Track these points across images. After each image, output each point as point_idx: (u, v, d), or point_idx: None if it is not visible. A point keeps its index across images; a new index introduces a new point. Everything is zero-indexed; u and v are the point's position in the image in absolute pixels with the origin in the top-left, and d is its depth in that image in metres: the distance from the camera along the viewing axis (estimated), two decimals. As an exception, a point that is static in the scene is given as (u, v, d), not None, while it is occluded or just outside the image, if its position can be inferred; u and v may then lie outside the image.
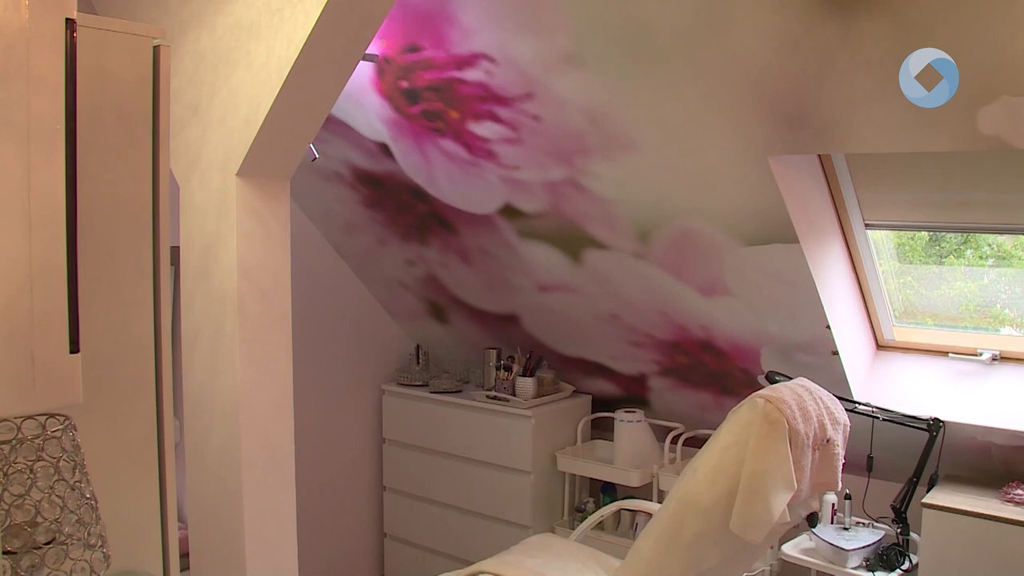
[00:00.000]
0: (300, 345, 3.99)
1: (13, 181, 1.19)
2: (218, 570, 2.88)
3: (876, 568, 3.10)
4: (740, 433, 2.11)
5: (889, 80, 2.36)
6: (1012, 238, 3.11)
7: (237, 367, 2.74)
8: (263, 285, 2.79)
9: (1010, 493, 3.02)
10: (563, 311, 3.78)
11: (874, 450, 3.26)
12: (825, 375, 3.26)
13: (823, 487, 2.33)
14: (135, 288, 1.76)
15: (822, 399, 2.32)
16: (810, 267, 2.94)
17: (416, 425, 4.28)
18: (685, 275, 3.23)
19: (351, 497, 4.43)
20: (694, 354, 3.57)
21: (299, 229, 3.97)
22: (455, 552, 4.18)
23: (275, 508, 2.88)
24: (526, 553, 2.95)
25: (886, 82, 2.36)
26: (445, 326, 4.37)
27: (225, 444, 2.80)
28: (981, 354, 3.19)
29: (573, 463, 3.94)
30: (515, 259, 3.64)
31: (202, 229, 2.81)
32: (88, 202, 1.57)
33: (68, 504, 1.10)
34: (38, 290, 1.17)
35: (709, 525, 2.10)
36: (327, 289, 4.20)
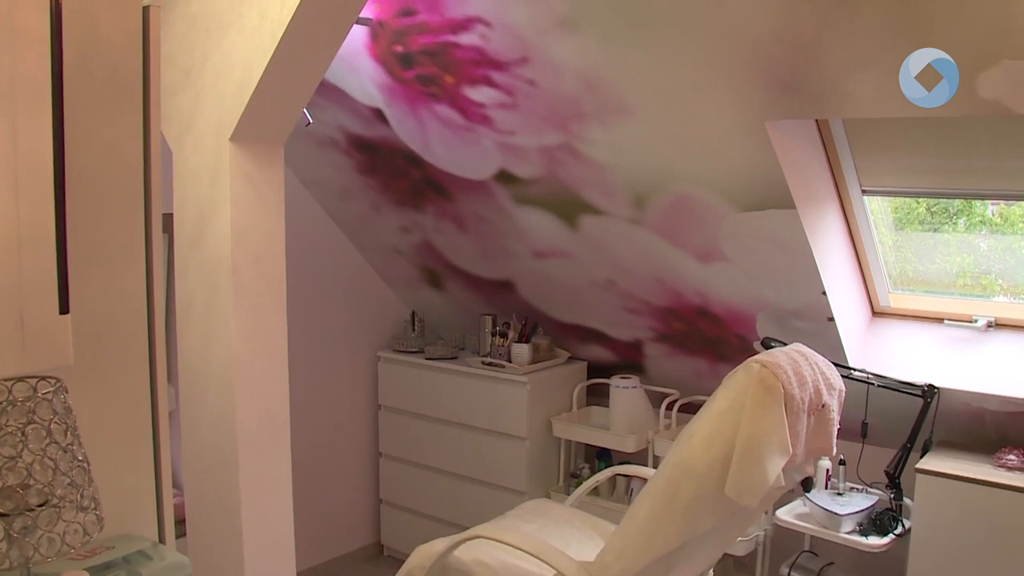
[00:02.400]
0: (295, 312, 3.98)
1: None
2: (215, 536, 2.89)
3: (869, 533, 3.12)
4: (736, 398, 2.10)
5: (887, 44, 2.34)
6: (1006, 208, 3.10)
7: (232, 333, 2.73)
8: (257, 251, 2.77)
9: (1003, 458, 3.04)
10: (559, 277, 3.77)
11: (868, 416, 3.27)
12: (821, 341, 3.26)
13: (818, 452, 2.34)
14: (127, 252, 1.75)
15: (818, 364, 2.31)
16: (807, 233, 2.93)
17: (412, 391, 4.28)
18: (681, 241, 3.22)
19: (347, 463, 4.44)
20: (690, 320, 3.57)
21: (293, 195, 3.95)
22: (451, 518, 4.20)
23: (271, 474, 2.89)
24: (522, 518, 2.96)
25: (884, 46, 2.35)
26: (440, 292, 4.36)
27: (220, 410, 2.80)
28: (976, 321, 3.20)
29: (569, 429, 3.95)
30: (511, 225, 3.63)
31: (195, 195, 2.79)
32: (78, 164, 1.56)
33: (60, 467, 1.10)
34: (27, 251, 1.16)
35: (704, 490, 2.10)
36: (322, 256, 4.19)
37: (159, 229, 1.74)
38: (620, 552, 2.22)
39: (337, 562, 4.42)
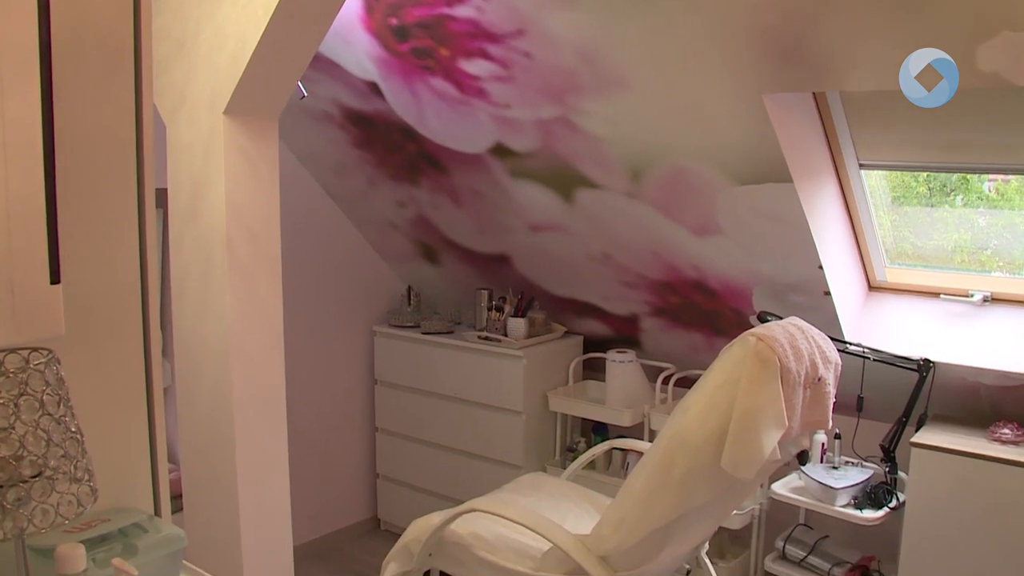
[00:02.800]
0: (291, 287, 3.98)
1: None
2: (211, 511, 2.90)
3: (864, 506, 3.13)
4: (732, 371, 2.10)
5: (887, 16, 2.32)
6: (1003, 184, 3.09)
7: (227, 308, 2.73)
8: (252, 225, 2.77)
9: (997, 432, 3.05)
10: (555, 251, 3.77)
11: (864, 390, 3.27)
12: (817, 315, 3.26)
13: (814, 425, 2.34)
14: (120, 224, 1.74)
15: (814, 338, 2.31)
16: (803, 207, 2.92)
17: (408, 366, 4.28)
18: (677, 215, 3.21)
19: (344, 438, 4.45)
20: (686, 294, 3.57)
21: (289, 171, 3.93)
22: (447, 492, 4.21)
23: (267, 449, 2.89)
24: (518, 492, 2.97)
25: (884, 18, 2.33)
26: (436, 267, 4.35)
27: (216, 385, 2.80)
28: (972, 295, 3.19)
29: (565, 403, 3.96)
30: (506, 199, 3.62)
31: (189, 169, 2.78)
32: (69, 134, 1.55)
33: (53, 438, 1.10)
34: (15, 219, 1.15)
35: (700, 463, 2.10)
36: (317, 231, 4.18)
37: (151, 200, 1.73)
38: (616, 525, 2.22)
39: (334, 536, 4.44)
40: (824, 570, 3.24)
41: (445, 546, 2.62)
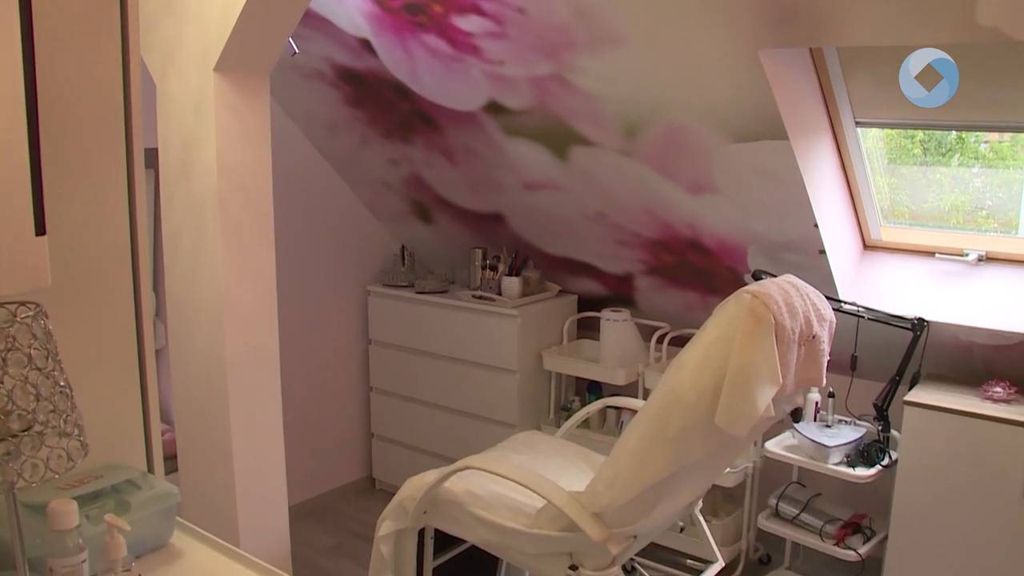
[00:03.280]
0: (284, 247, 3.96)
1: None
2: (206, 471, 2.91)
3: (857, 464, 3.15)
4: (726, 328, 2.09)
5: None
6: (999, 142, 3.08)
7: (219, 267, 2.72)
8: (244, 183, 2.75)
9: (989, 391, 3.06)
10: (549, 210, 3.75)
11: (858, 349, 3.28)
12: (812, 274, 3.25)
13: (808, 383, 2.34)
14: (109, 182, 1.72)
15: (808, 295, 2.30)
16: (799, 165, 2.90)
17: (402, 326, 4.28)
18: (672, 173, 3.20)
19: (338, 398, 4.45)
20: (680, 253, 3.55)
21: (281, 130, 3.90)
22: (442, 451, 4.23)
23: (261, 408, 2.89)
24: (512, 450, 2.98)
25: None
26: (430, 226, 4.33)
27: (209, 344, 2.80)
28: (967, 254, 3.19)
29: (559, 362, 3.96)
30: (500, 157, 3.59)
31: (180, 127, 2.75)
32: (53, 88, 1.53)
33: (42, 392, 1.09)
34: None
35: (694, 419, 2.10)
36: (310, 190, 4.15)
37: (140, 156, 1.71)
38: (610, 482, 2.23)
39: (329, 496, 4.46)
40: (816, 527, 3.26)
41: (440, 504, 2.62)
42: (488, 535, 2.54)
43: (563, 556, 2.44)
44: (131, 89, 1.70)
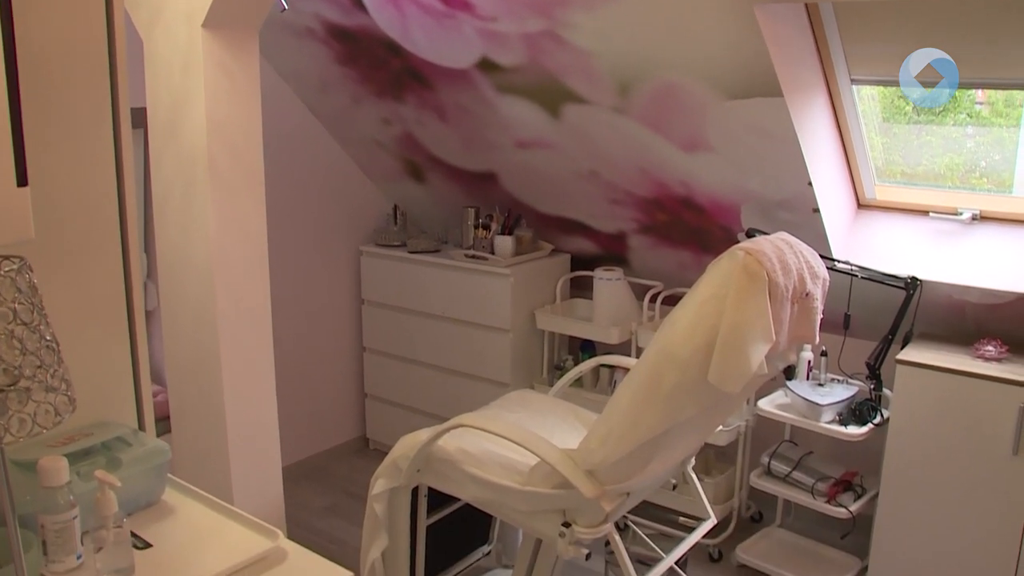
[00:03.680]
0: (275, 207, 3.94)
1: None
2: (199, 431, 2.91)
3: (848, 422, 3.16)
4: (720, 285, 2.08)
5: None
6: (993, 104, 3.05)
7: (210, 226, 2.70)
8: (234, 141, 2.72)
9: (981, 349, 3.06)
10: (542, 168, 3.73)
11: (851, 308, 3.28)
12: (805, 233, 3.24)
13: (801, 340, 2.33)
14: (96, 139, 1.70)
15: (802, 253, 2.29)
16: (793, 122, 2.88)
17: (395, 286, 4.27)
18: (666, 130, 3.17)
19: (331, 358, 4.45)
20: (674, 211, 3.54)
21: (271, 89, 3.86)
22: (436, 410, 4.24)
23: (254, 369, 2.89)
24: (505, 408, 2.98)
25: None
26: (422, 185, 4.31)
27: (201, 304, 2.78)
28: (961, 213, 3.18)
29: (552, 321, 3.95)
30: (493, 115, 3.56)
31: (168, 85, 2.72)
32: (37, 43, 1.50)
33: (27, 346, 1.07)
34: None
35: (687, 377, 2.09)
36: (302, 150, 4.12)
37: (126, 110, 1.69)
38: (603, 439, 2.23)
39: (323, 456, 4.47)
40: (808, 485, 3.27)
41: (433, 462, 2.62)
42: (481, 493, 2.54)
43: (556, 513, 2.45)
44: (115, 45, 1.67)
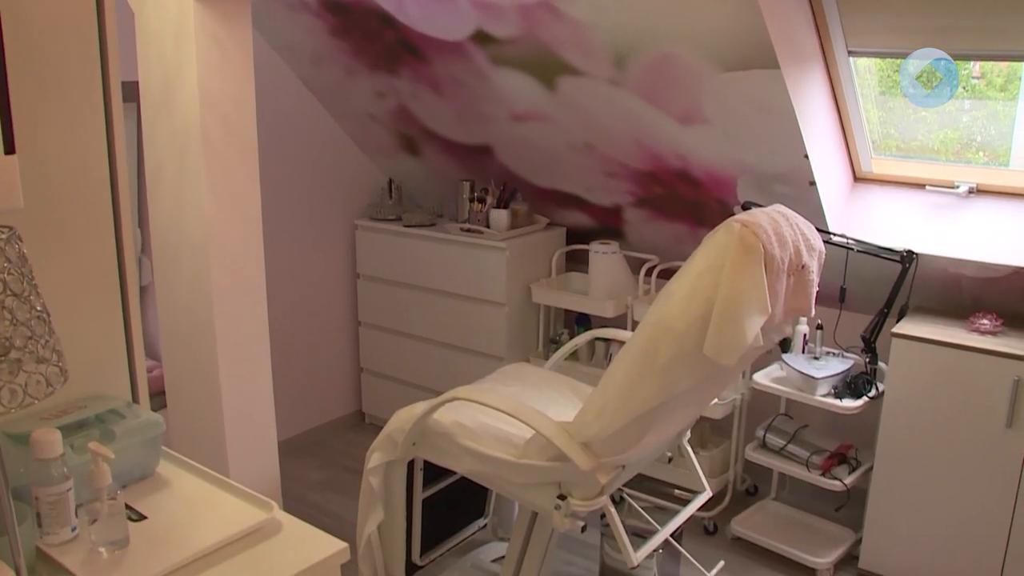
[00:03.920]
0: (269, 181, 3.93)
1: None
2: (195, 406, 2.90)
3: (844, 395, 3.16)
4: (715, 257, 2.08)
5: None
6: (990, 68, 3.04)
7: (204, 199, 2.69)
8: (227, 114, 2.71)
9: (976, 323, 3.06)
10: (537, 141, 3.71)
11: (847, 282, 3.28)
12: (802, 206, 3.24)
13: (796, 312, 2.33)
14: (87, 112, 1.68)
15: (798, 225, 2.29)
16: (790, 94, 2.87)
17: (390, 260, 4.25)
18: (662, 103, 3.15)
19: (327, 333, 4.44)
20: (670, 184, 3.53)
21: (264, 62, 3.84)
22: (431, 384, 4.24)
23: (248, 342, 2.88)
24: (501, 382, 2.98)
25: None
26: (417, 159, 4.29)
27: (195, 277, 2.78)
28: (958, 186, 3.17)
29: (548, 295, 3.95)
30: (488, 88, 3.54)
31: (160, 57, 2.70)
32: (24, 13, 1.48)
33: (18, 316, 1.06)
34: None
35: (683, 349, 2.09)
36: (296, 124, 4.09)
37: (117, 81, 1.67)
38: (599, 412, 2.23)
39: (319, 430, 4.47)
40: (803, 458, 3.28)
41: (428, 435, 2.62)
42: (477, 466, 2.55)
43: (552, 486, 2.45)
44: (106, 17, 1.65)
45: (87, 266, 1.74)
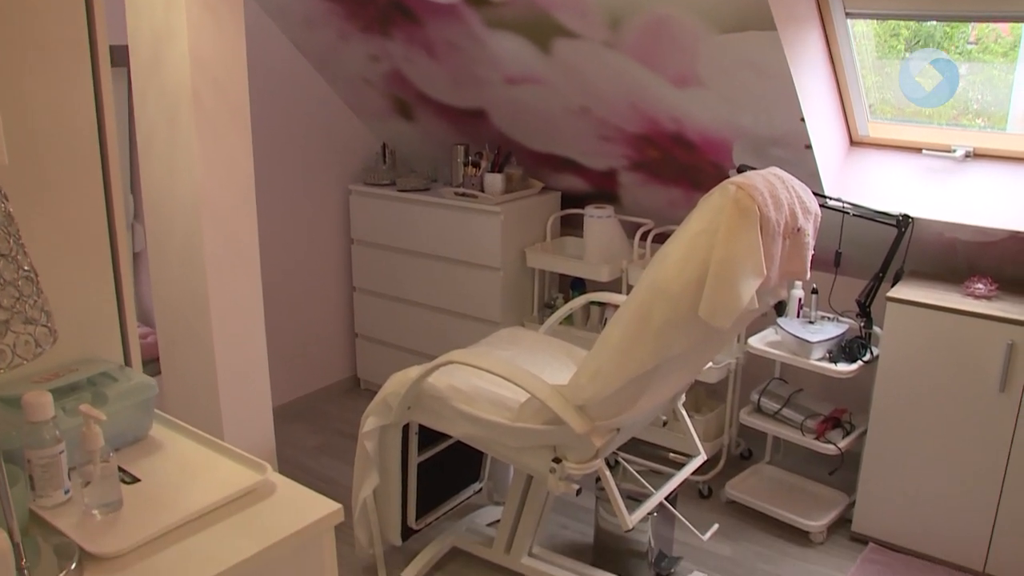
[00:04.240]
0: (262, 147, 3.90)
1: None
2: (189, 372, 2.90)
3: (838, 359, 3.16)
4: (711, 220, 2.07)
5: None
6: (985, 40, 3.01)
7: (195, 162, 2.67)
8: (218, 77, 2.68)
9: (970, 287, 3.06)
10: (532, 105, 3.68)
11: (842, 246, 3.27)
12: (798, 170, 3.22)
13: (792, 275, 2.33)
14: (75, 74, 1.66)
15: (794, 188, 2.28)
16: (787, 57, 2.84)
17: (384, 225, 4.24)
18: (657, 65, 3.13)
19: (321, 298, 4.43)
20: (665, 148, 3.51)
21: (255, 25, 3.80)
22: (426, 349, 4.24)
23: (242, 306, 2.87)
24: (495, 345, 2.98)
25: None
26: (411, 123, 4.26)
27: (188, 242, 2.76)
28: (955, 151, 3.15)
29: (542, 259, 3.94)
30: (482, 51, 3.50)
31: (150, 21, 2.67)
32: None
33: (5, 276, 1.05)
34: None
35: (678, 312, 2.09)
36: (288, 88, 4.06)
37: (105, 45, 1.65)
38: (593, 374, 2.23)
39: (314, 396, 4.48)
40: (797, 422, 3.29)
41: (423, 399, 2.63)
42: (472, 429, 2.55)
43: (547, 449, 2.46)
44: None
45: (77, 228, 1.73)
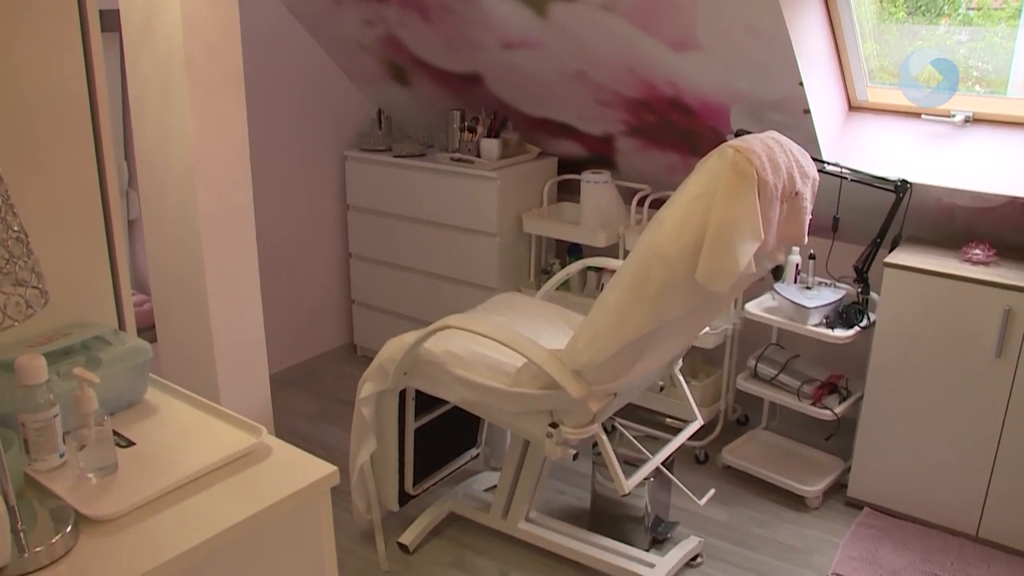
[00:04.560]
0: (256, 112, 3.87)
1: None
2: (185, 339, 2.89)
3: (835, 325, 3.16)
4: (708, 184, 2.05)
5: None
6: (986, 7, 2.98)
7: (189, 126, 2.65)
8: (211, 40, 2.65)
9: (968, 253, 3.05)
10: (528, 69, 3.65)
11: (840, 211, 3.26)
12: (796, 134, 3.21)
13: (789, 240, 2.32)
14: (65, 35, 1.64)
15: (792, 152, 2.26)
16: (785, 20, 2.81)
17: (380, 191, 4.22)
18: (655, 28, 3.10)
19: (317, 265, 4.42)
20: (662, 112, 3.48)
21: (249, -14, 3.75)
22: (423, 316, 4.23)
23: (238, 272, 2.86)
24: (492, 311, 2.97)
25: None
26: (407, 88, 4.22)
27: (183, 207, 2.74)
28: (954, 116, 3.13)
29: (539, 224, 3.92)
30: (478, 14, 3.47)
31: (142, -19, 2.63)
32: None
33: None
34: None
35: (675, 276, 2.08)
36: (282, 53, 4.02)
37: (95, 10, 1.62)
38: (590, 339, 2.22)
39: (311, 363, 4.48)
40: (794, 388, 3.30)
41: (420, 365, 2.62)
42: (469, 395, 2.55)
43: (543, 414, 2.46)
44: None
45: (69, 192, 1.71)
